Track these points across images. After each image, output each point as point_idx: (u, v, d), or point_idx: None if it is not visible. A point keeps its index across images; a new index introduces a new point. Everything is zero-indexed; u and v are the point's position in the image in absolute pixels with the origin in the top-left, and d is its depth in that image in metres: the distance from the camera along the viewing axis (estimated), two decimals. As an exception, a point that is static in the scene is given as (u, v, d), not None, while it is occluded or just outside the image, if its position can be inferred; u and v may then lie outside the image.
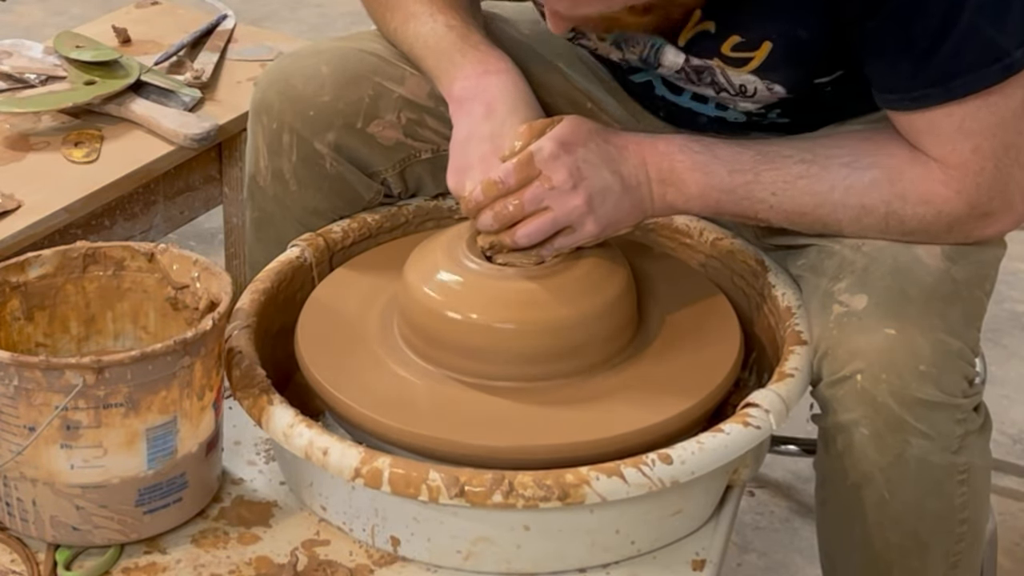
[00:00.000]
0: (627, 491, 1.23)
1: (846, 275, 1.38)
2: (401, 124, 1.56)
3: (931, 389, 1.30)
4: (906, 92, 1.35)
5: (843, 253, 1.40)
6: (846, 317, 1.34)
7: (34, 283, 1.37)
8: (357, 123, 1.55)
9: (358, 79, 1.55)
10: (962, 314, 1.35)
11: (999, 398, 2.35)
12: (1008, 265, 2.66)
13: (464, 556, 1.28)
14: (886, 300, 1.33)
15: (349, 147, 1.55)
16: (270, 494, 1.37)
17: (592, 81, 1.62)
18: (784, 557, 2.06)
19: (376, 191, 1.58)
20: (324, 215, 1.57)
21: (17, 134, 1.94)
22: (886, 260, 1.37)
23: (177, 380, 1.26)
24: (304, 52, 1.61)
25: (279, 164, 1.56)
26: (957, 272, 1.36)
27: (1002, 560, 1.97)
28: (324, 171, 1.55)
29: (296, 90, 1.54)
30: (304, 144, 1.54)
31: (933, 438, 1.31)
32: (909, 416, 1.30)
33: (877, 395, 1.30)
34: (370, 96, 1.55)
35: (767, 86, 1.44)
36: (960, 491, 1.35)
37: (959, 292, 1.35)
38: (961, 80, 1.33)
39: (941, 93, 1.34)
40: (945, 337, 1.32)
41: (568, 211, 1.36)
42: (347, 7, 3.68)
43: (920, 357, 1.30)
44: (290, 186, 1.56)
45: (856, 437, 1.32)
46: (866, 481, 1.33)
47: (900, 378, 1.30)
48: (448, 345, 1.36)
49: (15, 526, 1.30)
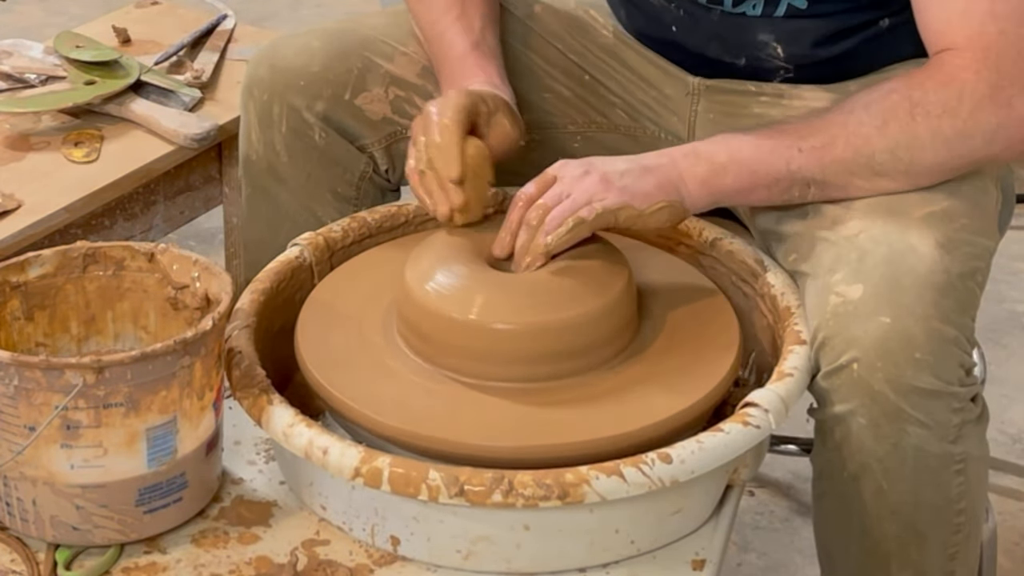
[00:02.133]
0: (627, 490, 1.23)
1: (841, 266, 1.38)
2: (389, 99, 1.59)
3: (927, 377, 1.30)
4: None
5: (838, 244, 1.40)
6: (842, 307, 1.34)
7: (34, 283, 1.37)
8: (345, 94, 1.58)
9: (348, 52, 1.59)
10: (956, 303, 1.35)
11: (999, 398, 2.35)
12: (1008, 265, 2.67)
13: (464, 556, 1.28)
14: (881, 289, 1.34)
15: (337, 118, 1.58)
16: (270, 494, 1.37)
17: (590, 54, 1.64)
18: (784, 557, 2.06)
19: (365, 164, 1.61)
20: (315, 188, 1.59)
21: (17, 134, 1.94)
22: (880, 250, 1.37)
23: (177, 380, 1.26)
24: (296, 32, 1.65)
25: (270, 136, 1.59)
26: (950, 262, 1.36)
27: (1002, 560, 1.97)
28: (313, 142, 1.58)
29: (286, 61, 1.58)
30: (294, 114, 1.57)
31: (930, 427, 1.31)
32: (906, 404, 1.30)
33: (873, 383, 1.30)
34: (359, 68, 1.58)
35: None
36: (957, 481, 1.35)
37: (952, 281, 1.35)
38: None
39: None
40: (940, 325, 1.32)
41: (585, 188, 1.38)
42: (347, 7, 3.68)
43: (915, 345, 1.31)
44: (281, 157, 1.59)
45: (853, 427, 1.32)
46: (863, 472, 1.34)
47: (896, 366, 1.30)
48: (447, 345, 1.36)
49: (15, 526, 1.30)
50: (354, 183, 1.61)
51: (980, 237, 1.41)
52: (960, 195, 1.42)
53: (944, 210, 1.40)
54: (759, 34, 1.54)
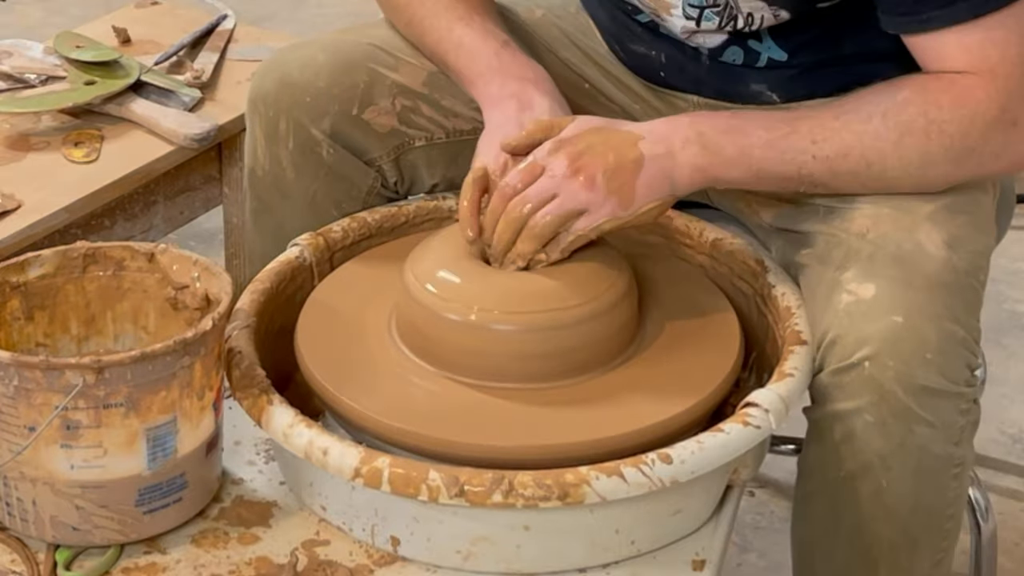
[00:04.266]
0: (627, 491, 1.23)
1: (852, 264, 1.38)
2: (396, 111, 1.57)
3: (936, 377, 1.31)
4: (913, 16, 1.37)
5: (848, 242, 1.40)
6: (855, 306, 1.34)
7: (34, 283, 1.37)
8: (352, 109, 1.56)
9: (353, 66, 1.57)
10: (964, 303, 1.35)
11: (999, 398, 2.35)
12: (1008, 265, 2.67)
13: (464, 556, 1.28)
14: (892, 288, 1.34)
15: (345, 133, 1.56)
16: (270, 494, 1.37)
17: (588, 65, 1.64)
18: (784, 557, 2.05)
19: (373, 178, 1.59)
20: (321, 204, 1.58)
21: (17, 134, 1.94)
22: (889, 247, 1.37)
23: (177, 380, 1.26)
24: (300, 43, 1.63)
25: (276, 151, 1.57)
26: (957, 260, 1.36)
27: (1002, 560, 1.97)
28: (320, 158, 1.56)
29: (292, 77, 1.56)
30: (301, 130, 1.56)
31: (937, 427, 1.32)
32: (914, 403, 1.30)
33: (884, 382, 1.30)
34: (365, 82, 1.56)
35: (774, 12, 1.46)
36: (953, 485, 1.36)
37: (959, 280, 1.35)
38: (966, 3, 1.34)
39: (947, 15, 1.35)
40: (950, 325, 1.32)
41: (573, 193, 1.36)
42: (347, 7, 3.68)
43: (927, 344, 1.31)
44: (287, 174, 1.57)
45: (858, 425, 1.32)
46: (863, 470, 1.33)
47: (907, 365, 1.30)
48: (447, 346, 1.36)
49: (15, 526, 1.30)
50: (360, 198, 1.59)
51: (981, 234, 1.42)
52: (959, 190, 1.43)
53: (947, 206, 1.41)
54: (750, 83, 1.54)
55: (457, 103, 1.58)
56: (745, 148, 1.39)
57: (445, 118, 1.59)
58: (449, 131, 1.59)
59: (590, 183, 1.36)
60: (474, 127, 1.57)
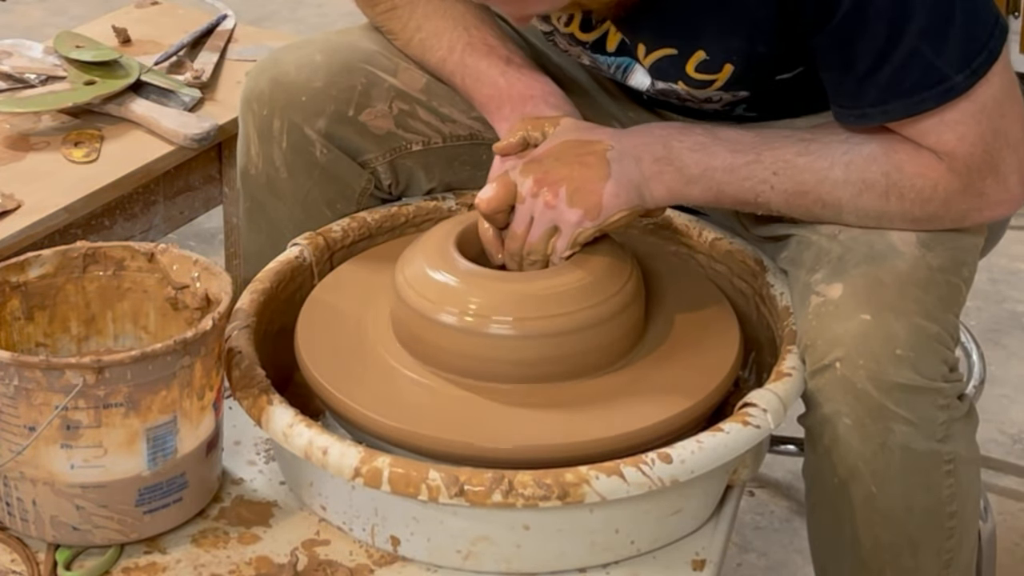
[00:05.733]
0: (627, 490, 1.23)
1: (822, 265, 1.38)
2: (393, 114, 1.57)
3: (909, 372, 1.30)
4: (850, 108, 1.37)
5: (820, 243, 1.40)
6: (823, 307, 1.34)
7: (34, 283, 1.37)
8: (348, 111, 1.56)
9: (351, 67, 1.57)
10: (938, 299, 1.35)
11: (999, 398, 2.35)
12: (1008, 265, 2.67)
13: (464, 556, 1.28)
14: (861, 287, 1.34)
15: (339, 135, 1.56)
16: (270, 494, 1.37)
17: (580, 71, 1.63)
18: (784, 557, 2.06)
19: (366, 180, 1.59)
20: (315, 204, 1.58)
21: (17, 134, 1.94)
22: (860, 248, 1.37)
23: (177, 380, 1.26)
24: (296, 44, 1.63)
25: (269, 151, 1.57)
26: (932, 258, 1.36)
27: (1002, 560, 1.97)
28: (314, 158, 1.56)
29: (288, 76, 1.56)
30: (294, 130, 1.55)
31: (915, 424, 1.31)
32: (889, 401, 1.30)
33: (856, 382, 1.30)
34: (362, 84, 1.56)
35: (732, 95, 1.46)
36: (947, 483, 1.35)
37: (934, 278, 1.35)
38: (900, 103, 1.34)
39: (879, 114, 1.35)
40: (921, 321, 1.32)
41: (541, 211, 1.38)
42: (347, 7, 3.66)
43: (896, 341, 1.31)
44: (280, 173, 1.57)
45: (840, 429, 1.32)
46: (852, 477, 1.33)
47: (877, 363, 1.30)
48: (444, 349, 1.35)
49: (15, 526, 1.30)
50: (354, 199, 1.59)
51: (963, 232, 1.41)
52: None
53: None
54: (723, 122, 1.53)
55: (455, 110, 1.58)
56: (708, 170, 1.40)
57: (442, 123, 1.59)
58: (446, 136, 1.59)
59: (554, 199, 1.38)
60: (471, 133, 1.59)
